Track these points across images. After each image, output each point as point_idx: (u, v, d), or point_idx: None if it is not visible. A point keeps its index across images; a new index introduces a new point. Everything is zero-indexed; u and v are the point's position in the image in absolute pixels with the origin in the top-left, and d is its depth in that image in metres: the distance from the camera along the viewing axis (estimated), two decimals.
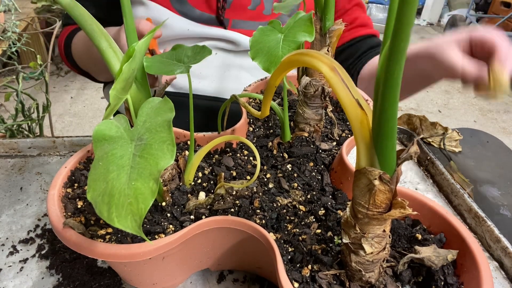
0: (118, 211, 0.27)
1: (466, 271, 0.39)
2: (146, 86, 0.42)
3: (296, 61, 0.33)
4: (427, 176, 0.68)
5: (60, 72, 3.06)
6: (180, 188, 0.48)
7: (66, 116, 2.56)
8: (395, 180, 0.31)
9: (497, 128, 2.71)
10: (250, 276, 0.50)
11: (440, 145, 0.84)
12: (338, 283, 0.38)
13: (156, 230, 0.42)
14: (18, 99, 0.95)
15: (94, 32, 0.39)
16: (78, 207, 0.45)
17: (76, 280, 0.49)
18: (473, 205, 0.57)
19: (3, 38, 1.01)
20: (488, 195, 0.85)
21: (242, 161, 0.55)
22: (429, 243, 0.41)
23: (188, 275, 0.50)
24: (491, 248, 0.53)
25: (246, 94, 0.62)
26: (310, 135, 0.58)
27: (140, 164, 0.29)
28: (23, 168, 0.66)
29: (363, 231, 0.34)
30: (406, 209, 0.31)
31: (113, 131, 0.32)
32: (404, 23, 0.22)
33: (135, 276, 0.45)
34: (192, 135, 0.46)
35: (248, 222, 0.41)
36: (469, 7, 3.82)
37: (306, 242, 0.43)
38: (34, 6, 2.53)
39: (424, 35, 4.28)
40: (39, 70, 1.04)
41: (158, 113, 0.32)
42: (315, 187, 0.52)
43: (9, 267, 0.50)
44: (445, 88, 3.20)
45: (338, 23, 0.49)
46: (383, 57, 0.27)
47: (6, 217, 0.57)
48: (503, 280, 0.50)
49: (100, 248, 0.38)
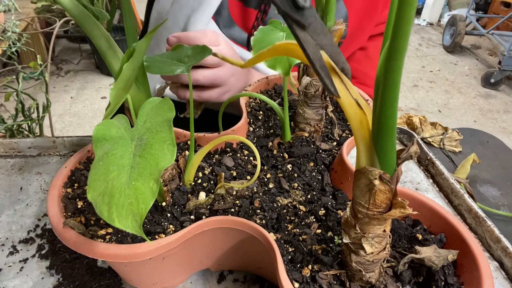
0: (118, 211, 0.27)
1: (466, 271, 0.39)
2: (146, 86, 0.42)
3: (292, 50, 0.31)
4: (427, 176, 0.68)
5: (60, 72, 3.06)
6: (180, 188, 0.48)
7: (66, 116, 2.56)
8: (395, 180, 0.31)
9: (497, 128, 2.71)
10: (250, 277, 0.50)
11: (440, 145, 0.84)
12: (338, 283, 0.38)
13: (156, 230, 0.42)
14: (18, 99, 0.95)
15: (94, 32, 0.39)
16: (78, 207, 0.45)
17: (76, 280, 0.49)
18: (473, 205, 0.57)
19: (3, 38, 1.01)
20: (488, 195, 0.85)
21: (242, 161, 0.55)
22: (430, 243, 0.41)
23: (188, 275, 0.50)
24: (492, 248, 0.53)
25: (246, 93, 0.62)
26: (310, 135, 0.58)
27: (141, 164, 0.29)
28: (23, 168, 0.66)
29: (363, 231, 0.34)
30: (407, 209, 0.31)
31: (113, 131, 0.32)
32: (404, 22, 0.22)
33: (135, 276, 0.45)
34: (192, 135, 0.46)
35: (249, 222, 0.41)
36: (469, 7, 3.82)
37: (307, 242, 0.43)
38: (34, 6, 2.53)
39: (424, 35, 4.28)
40: (39, 70, 1.04)
41: (159, 113, 0.32)
42: (315, 187, 0.52)
43: (9, 267, 0.50)
44: (445, 88, 3.20)
45: (339, 23, 0.49)
46: (383, 57, 0.27)
47: (6, 217, 0.57)
48: (503, 280, 0.50)
49: (100, 248, 0.38)
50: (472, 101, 3.02)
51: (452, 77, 3.40)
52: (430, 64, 3.64)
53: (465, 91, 3.16)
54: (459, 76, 3.41)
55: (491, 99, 3.06)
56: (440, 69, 3.55)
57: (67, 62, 3.20)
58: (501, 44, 3.08)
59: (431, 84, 3.28)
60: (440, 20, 4.62)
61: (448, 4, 4.61)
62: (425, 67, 3.58)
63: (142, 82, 0.41)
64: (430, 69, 3.54)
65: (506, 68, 3.00)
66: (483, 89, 3.19)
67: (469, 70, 3.53)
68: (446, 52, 3.88)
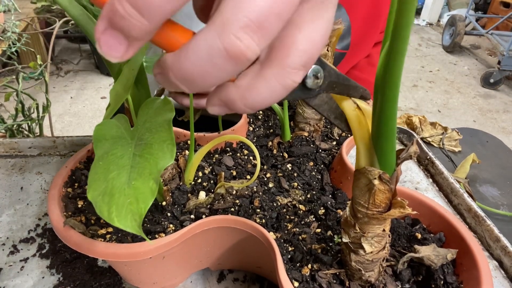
0: (118, 210, 0.27)
1: (465, 270, 0.39)
2: (146, 86, 0.42)
3: None
4: (426, 176, 0.68)
5: (60, 72, 3.06)
6: (180, 188, 0.48)
7: (66, 116, 2.56)
8: (394, 179, 0.31)
9: (497, 128, 2.71)
10: (250, 276, 0.50)
11: (440, 145, 0.84)
12: (338, 282, 0.38)
13: (157, 230, 0.42)
14: (18, 99, 0.95)
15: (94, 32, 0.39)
16: (78, 206, 0.45)
17: (77, 279, 0.49)
18: (472, 205, 0.57)
19: (3, 38, 1.01)
20: (488, 195, 0.85)
21: (242, 160, 0.55)
22: (429, 242, 0.42)
23: (188, 274, 0.50)
24: (491, 247, 0.53)
25: None
26: (310, 134, 0.58)
27: (140, 163, 0.29)
28: (24, 168, 0.66)
29: (363, 230, 0.34)
30: (406, 209, 0.31)
31: (113, 130, 0.32)
32: (403, 22, 0.22)
33: (135, 276, 0.46)
34: (192, 135, 0.46)
35: (248, 222, 0.41)
36: (469, 7, 3.81)
37: (306, 241, 0.43)
38: (34, 6, 2.53)
39: (424, 35, 4.28)
40: (39, 70, 1.04)
41: (158, 113, 0.32)
42: (315, 187, 0.52)
43: (10, 266, 0.50)
44: (444, 88, 3.20)
45: (338, 22, 0.49)
46: (383, 56, 0.27)
47: (7, 216, 0.57)
48: (502, 280, 0.50)
49: (101, 247, 0.38)
50: (471, 101, 3.02)
51: (451, 77, 3.40)
52: (430, 64, 3.64)
53: (465, 91, 3.16)
54: (459, 76, 3.41)
55: (490, 99, 3.06)
56: (439, 69, 3.55)
57: (67, 62, 3.20)
58: (500, 44, 3.08)
59: (431, 84, 3.28)
60: (439, 20, 4.62)
61: (447, 4, 4.61)
62: (424, 67, 3.58)
63: (142, 82, 0.41)
64: (429, 69, 3.54)
65: (506, 68, 3.00)
66: (483, 89, 3.19)
67: (468, 70, 3.53)
68: (445, 52, 3.88)
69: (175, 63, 0.19)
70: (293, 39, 0.20)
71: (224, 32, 0.18)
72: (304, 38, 0.20)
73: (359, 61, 0.86)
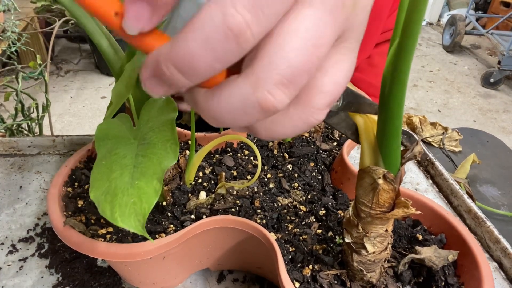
0: (121, 210, 0.27)
1: (466, 271, 0.39)
2: None
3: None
4: (426, 177, 0.68)
5: (59, 72, 3.06)
6: (180, 188, 0.48)
7: (65, 116, 2.55)
8: (398, 179, 0.31)
9: (497, 127, 2.71)
10: (250, 276, 0.50)
11: (440, 145, 0.84)
12: (339, 283, 0.38)
13: (157, 230, 0.42)
14: (18, 99, 0.95)
15: (95, 31, 0.39)
16: (78, 206, 0.45)
17: (76, 279, 0.48)
18: (472, 206, 0.57)
19: (3, 38, 1.00)
20: (488, 195, 0.85)
21: (242, 161, 0.55)
22: (430, 243, 0.41)
23: (188, 274, 0.50)
24: (491, 249, 0.53)
25: None
26: (310, 135, 0.58)
27: (143, 163, 0.29)
28: (23, 167, 0.66)
29: (365, 230, 0.34)
30: (410, 209, 0.31)
31: (116, 130, 0.32)
32: (415, 18, 0.22)
33: (135, 276, 0.45)
34: (193, 135, 0.46)
35: (249, 222, 0.41)
36: (469, 6, 3.82)
37: (307, 242, 0.43)
38: (34, 6, 2.53)
39: (424, 34, 4.28)
40: (38, 70, 1.03)
41: (161, 112, 0.32)
42: (315, 187, 0.52)
43: (9, 266, 0.50)
44: (444, 88, 3.20)
45: None
46: (391, 54, 0.27)
47: (6, 216, 0.57)
48: (502, 281, 0.50)
49: (101, 247, 0.37)
50: (471, 100, 3.03)
51: (451, 76, 3.40)
52: (430, 63, 3.64)
53: (465, 90, 3.16)
54: (459, 76, 3.41)
55: (490, 99, 3.06)
56: (439, 68, 3.55)
57: (67, 62, 3.20)
58: (500, 43, 3.08)
59: (431, 84, 3.28)
60: (439, 19, 4.63)
61: (447, 4, 4.61)
62: (424, 66, 3.58)
63: None
64: (429, 68, 3.54)
65: (506, 67, 3.01)
66: (483, 88, 3.20)
67: (468, 70, 3.53)
68: (445, 51, 3.88)
69: (207, 104, 0.20)
70: (318, 82, 0.21)
71: (259, 87, 0.19)
72: (329, 80, 0.21)
73: (360, 62, 0.86)
